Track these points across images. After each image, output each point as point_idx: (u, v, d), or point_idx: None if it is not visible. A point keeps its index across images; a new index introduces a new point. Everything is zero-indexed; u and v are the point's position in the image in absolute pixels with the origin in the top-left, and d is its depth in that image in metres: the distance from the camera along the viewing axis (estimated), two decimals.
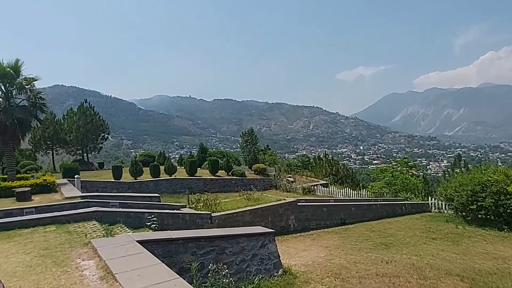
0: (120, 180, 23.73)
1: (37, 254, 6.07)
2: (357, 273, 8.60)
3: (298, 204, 15.40)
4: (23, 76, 19.28)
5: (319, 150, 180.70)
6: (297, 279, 7.98)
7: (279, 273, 8.08)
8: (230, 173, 29.50)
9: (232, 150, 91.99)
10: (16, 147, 20.73)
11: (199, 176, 27.45)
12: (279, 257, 8.43)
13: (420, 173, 42.14)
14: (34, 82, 19.66)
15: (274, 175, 31.51)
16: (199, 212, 12.81)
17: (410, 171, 35.88)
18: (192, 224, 11.69)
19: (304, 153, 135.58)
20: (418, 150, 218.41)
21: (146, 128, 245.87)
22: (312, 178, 33.42)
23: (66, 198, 13.09)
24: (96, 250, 6.06)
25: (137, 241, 6.46)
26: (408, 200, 23.48)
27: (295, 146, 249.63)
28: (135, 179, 24.48)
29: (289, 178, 31.17)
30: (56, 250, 6.34)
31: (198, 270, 6.49)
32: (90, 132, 40.61)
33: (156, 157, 39.97)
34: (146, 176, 25.59)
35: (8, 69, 18.36)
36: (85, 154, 42.30)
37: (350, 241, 12.44)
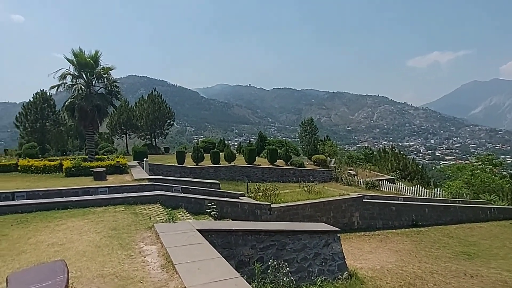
0: (183, 165, 24.71)
1: (106, 235, 6.31)
2: (435, 285, 7.52)
3: (364, 200, 14.31)
4: (101, 66, 20.89)
5: (383, 143, 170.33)
6: (364, 285, 7.23)
7: (344, 276, 7.39)
8: (288, 163, 28.92)
9: (290, 140, 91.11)
10: (95, 131, 22.78)
11: (258, 165, 27.40)
12: (344, 258, 7.72)
13: (505, 173, 36.81)
14: (110, 72, 21.24)
15: (335, 167, 30.08)
16: (258, 202, 12.56)
17: (494, 170, 31.56)
18: (250, 214, 11.50)
19: (366, 145, 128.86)
20: (502, 146, 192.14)
21: (207, 116, 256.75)
22: (375, 173, 31.23)
23: (135, 180, 13.87)
24: (158, 235, 6.09)
25: (197, 229, 6.36)
26: (493, 204, 20.53)
27: (356, 138, 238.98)
28: (197, 165, 25.33)
29: (350, 171, 29.55)
30: (123, 231, 6.53)
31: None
32: (157, 119, 43.59)
33: (216, 144, 41.08)
34: (207, 162, 26.32)
35: (89, 59, 20.04)
36: (153, 139, 45.54)
37: (424, 247, 11.11)
